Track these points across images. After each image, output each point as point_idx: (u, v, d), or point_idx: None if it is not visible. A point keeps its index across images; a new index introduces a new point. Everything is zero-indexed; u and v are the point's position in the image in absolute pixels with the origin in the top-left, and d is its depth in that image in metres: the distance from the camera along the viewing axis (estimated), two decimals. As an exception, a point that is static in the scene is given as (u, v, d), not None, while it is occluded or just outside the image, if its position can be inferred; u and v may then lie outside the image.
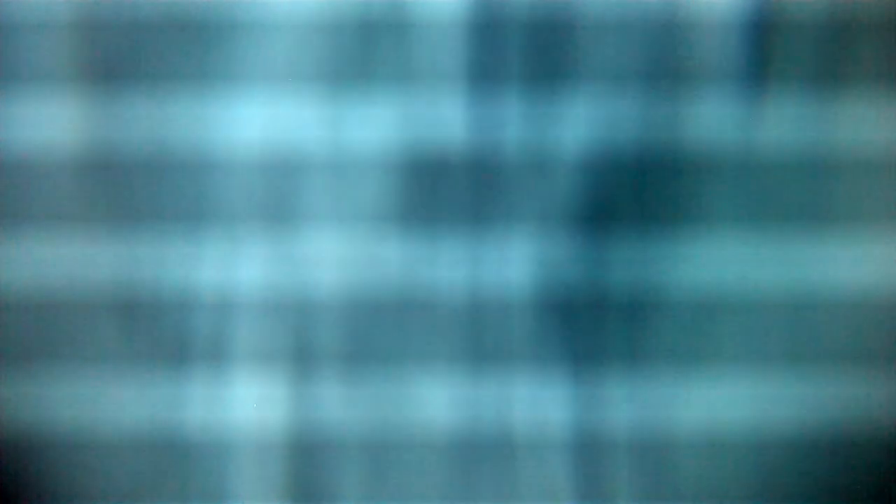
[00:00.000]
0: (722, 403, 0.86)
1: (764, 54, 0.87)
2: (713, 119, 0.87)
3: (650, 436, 0.86)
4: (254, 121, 0.87)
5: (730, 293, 0.86)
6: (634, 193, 0.86)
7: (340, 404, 0.86)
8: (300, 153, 0.87)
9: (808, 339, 0.86)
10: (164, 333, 0.86)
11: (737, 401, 0.86)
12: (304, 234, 0.87)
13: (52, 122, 0.87)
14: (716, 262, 0.86)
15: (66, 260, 0.87)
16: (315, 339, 0.87)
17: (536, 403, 0.86)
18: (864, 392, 0.86)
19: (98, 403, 0.86)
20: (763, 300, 0.86)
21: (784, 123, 0.87)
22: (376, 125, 0.87)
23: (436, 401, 0.86)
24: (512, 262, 0.87)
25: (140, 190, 0.87)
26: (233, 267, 0.87)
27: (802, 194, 0.87)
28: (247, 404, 0.86)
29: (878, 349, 0.86)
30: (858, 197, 0.87)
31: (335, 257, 0.87)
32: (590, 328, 0.86)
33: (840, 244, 0.87)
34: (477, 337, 0.86)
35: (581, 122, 0.86)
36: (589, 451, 0.86)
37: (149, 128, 0.87)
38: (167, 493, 0.86)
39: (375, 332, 0.86)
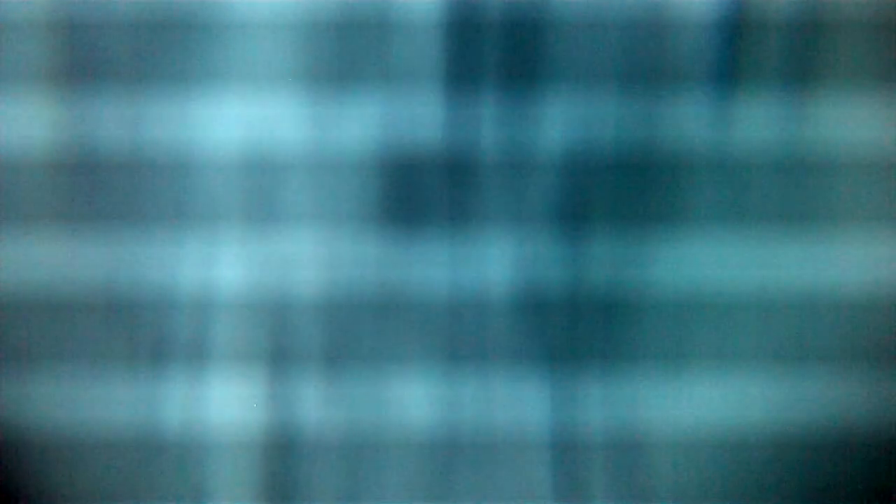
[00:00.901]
0: (700, 403, 0.86)
1: (742, 54, 0.87)
2: (691, 119, 0.86)
3: (629, 435, 0.86)
4: (234, 121, 0.87)
5: (707, 293, 0.86)
6: (612, 193, 0.86)
7: (320, 404, 0.86)
8: (280, 153, 0.87)
9: (786, 339, 0.86)
10: (144, 333, 0.87)
11: (715, 400, 0.86)
12: (284, 233, 0.87)
13: (34, 122, 0.88)
14: (694, 261, 0.86)
15: (47, 260, 0.87)
16: (295, 338, 0.87)
17: (515, 403, 0.86)
18: (844, 391, 0.86)
19: (78, 402, 0.87)
20: (741, 300, 0.86)
21: (762, 123, 0.87)
22: (356, 125, 0.87)
23: (415, 400, 0.86)
24: (491, 262, 0.87)
25: (122, 190, 0.87)
26: (214, 267, 0.87)
27: (780, 194, 0.87)
28: (227, 404, 0.87)
29: (858, 348, 0.86)
30: (837, 196, 0.87)
31: (315, 257, 0.87)
32: (568, 328, 0.86)
33: (819, 243, 0.86)
34: (456, 337, 0.86)
35: (559, 122, 0.86)
36: (567, 451, 0.86)
37: (131, 128, 0.87)
38: (147, 491, 0.86)
39: (355, 332, 0.87)
